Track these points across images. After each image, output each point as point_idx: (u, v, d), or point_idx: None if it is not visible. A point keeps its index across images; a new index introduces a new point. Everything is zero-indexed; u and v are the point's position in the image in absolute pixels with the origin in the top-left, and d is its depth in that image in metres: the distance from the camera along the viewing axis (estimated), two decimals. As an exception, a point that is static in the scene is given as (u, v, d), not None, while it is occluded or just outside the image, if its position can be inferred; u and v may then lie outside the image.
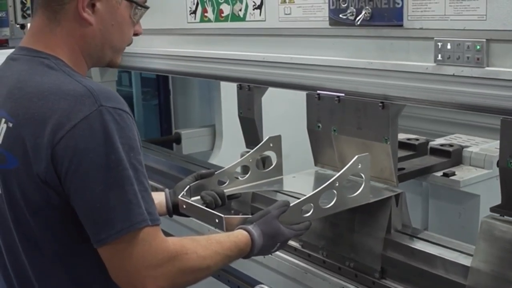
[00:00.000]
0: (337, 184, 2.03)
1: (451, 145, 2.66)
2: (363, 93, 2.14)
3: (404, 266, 2.10)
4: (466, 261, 1.95)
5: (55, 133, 1.59)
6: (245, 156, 2.43)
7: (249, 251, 1.93)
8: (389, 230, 2.16)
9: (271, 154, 2.47)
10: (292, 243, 2.46)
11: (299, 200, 2.01)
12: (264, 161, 2.57)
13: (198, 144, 4.31)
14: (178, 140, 4.34)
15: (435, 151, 2.66)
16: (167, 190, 2.30)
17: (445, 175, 2.52)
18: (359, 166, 2.08)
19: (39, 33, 1.78)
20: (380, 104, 2.09)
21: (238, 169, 2.48)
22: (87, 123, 1.59)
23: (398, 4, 1.94)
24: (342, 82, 2.20)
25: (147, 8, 1.89)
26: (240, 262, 2.63)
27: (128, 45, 1.92)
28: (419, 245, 2.10)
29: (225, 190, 2.33)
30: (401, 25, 1.95)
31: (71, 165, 1.59)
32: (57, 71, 1.71)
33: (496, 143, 2.15)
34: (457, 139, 2.90)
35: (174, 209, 2.26)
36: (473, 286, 1.88)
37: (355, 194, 2.09)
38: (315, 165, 2.46)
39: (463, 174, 2.53)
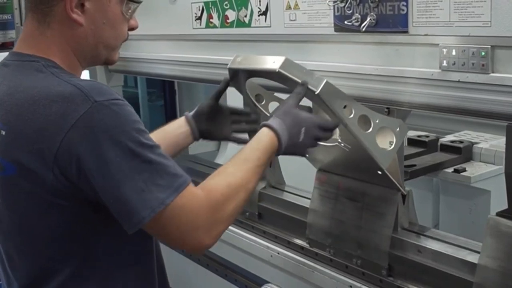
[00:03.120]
0: (377, 121, 2.00)
1: (461, 142, 2.67)
2: (368, 98, 2.13)
3: (411, 263, 2.12)
4: (473, 258, 1.96)
5: (53, 138, 1.58)
6: None
7: (278, 145, 1.88)
8: (396, 228, 2.16)
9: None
10: (299, 241, 2.50)
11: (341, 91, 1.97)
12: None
13: (204, 144, 4.16)
14: (184, 140, 4.29)
15: (445, 148, 2.67)
16: (187, 114, 2.26)
17: (456, 171, 2.53)
18: (397, 130, 2.04)
19: (30, 37, 1.76)
20: (386, 110, 2.08)
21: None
22: (84, 122, 1.57)
23: (403, 10, 1.94)
24: (347, 88, 2.16)
25: (139, 2, 1.85)
26: (246, 262, 2.68)
27: (124, 41, 1.87)
28: (426, 243, 2.12)
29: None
30: (406, 32, 1.95)
31: (79, 167, 1.58)
32: (45, 74, 1.68)
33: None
34: (466, 135, 2.90)
35: (201, 133, 2.26)
36: (480, 283, 1.89)
37: (381, 147, 2.02)
38: (318, 171, 2.45)
39: (473, 170, 2.54)
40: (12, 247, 1.78)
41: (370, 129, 1.99)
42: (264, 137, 1.88)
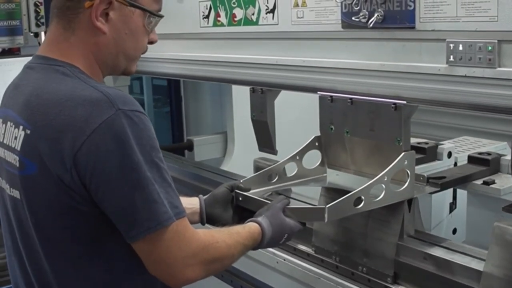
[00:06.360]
0: (385, 179, 2.07)
1: (489, 154, 2.63)
2: (375, 94, 2.14)
3: (417, 271, 2.10)
4: (478, 265, 1.94)
5: (75, 139, 1.61)
6: (293, 154, 2.46)
7: (259, 242, 1.99)
8: (402, 235, 2.16)
9: (316, 153, 2.50)
10: (304, 248, 2.47)
11: (351, 192, 2.04)
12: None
13: (210, 151, 4.30)
14: (190, 147, 4.33)
15: (473, 160, 2.62)
16: (201, 196, 2.28)
17: (485, 183, 2.48)
18: (405, 163, 2.12)
19: (54, 42, 1.81)
20: (393, 106, 2.09)
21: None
22: (107, 127, 1.61)
23: (410, 6, 1.95)
24: (354, 84, 2.20)
25: (161, 16, 1.90)
26: (252, 268, 2.65)
27: (143, 53, 1.93)
28: (432, 250, 2.10)
29: (274, 186, 2.44)
30: (413, 27, 1.96)
31: (94, 169, 1.62)
32: (72, 78, 1.73)
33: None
34: (464, 141, 2.91)
35: (208, 217, 2.25)
36: (485, 291, 1.86)
37: (401, 189, 2.12)
38: (328, 167, 2.46)
39: (502, 182, 2.50)
40: (31, 247, 1.78)
41: (383, 194, 2.08)
42: (255, 228, 2.00)
